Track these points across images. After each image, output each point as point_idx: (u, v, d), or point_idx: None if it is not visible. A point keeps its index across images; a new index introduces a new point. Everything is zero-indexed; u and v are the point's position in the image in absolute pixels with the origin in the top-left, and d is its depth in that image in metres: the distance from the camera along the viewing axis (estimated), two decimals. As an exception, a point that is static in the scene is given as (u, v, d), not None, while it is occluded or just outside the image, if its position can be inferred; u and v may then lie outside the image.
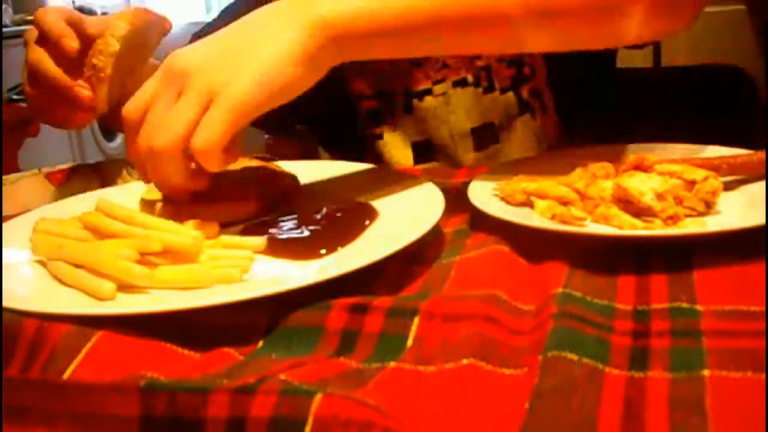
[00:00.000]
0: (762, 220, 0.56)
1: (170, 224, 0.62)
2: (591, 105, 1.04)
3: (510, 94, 1.02)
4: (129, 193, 0.78)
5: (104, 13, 4.61)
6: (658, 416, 0.38)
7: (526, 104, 1.01)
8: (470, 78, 1.01)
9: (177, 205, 0.69)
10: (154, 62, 0.85)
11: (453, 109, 1.02)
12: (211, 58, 0.65)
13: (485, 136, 1.02)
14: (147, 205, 0.72)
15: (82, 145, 4.18)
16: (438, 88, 1.02)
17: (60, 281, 0.59)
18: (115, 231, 0.61)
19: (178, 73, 0.64)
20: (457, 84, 1.01)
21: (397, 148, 1.04)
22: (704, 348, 0.44)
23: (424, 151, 1.04)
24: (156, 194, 0.71)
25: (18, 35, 3.82)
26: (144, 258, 0.58)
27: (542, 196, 0.67)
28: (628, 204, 0.64)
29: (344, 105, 1.04)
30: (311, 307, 0.51)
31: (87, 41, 0.81)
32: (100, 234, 0.62)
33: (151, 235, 0.60)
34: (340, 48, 0.66)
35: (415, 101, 1.02)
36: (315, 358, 0.47)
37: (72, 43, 0.80)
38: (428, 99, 1.02)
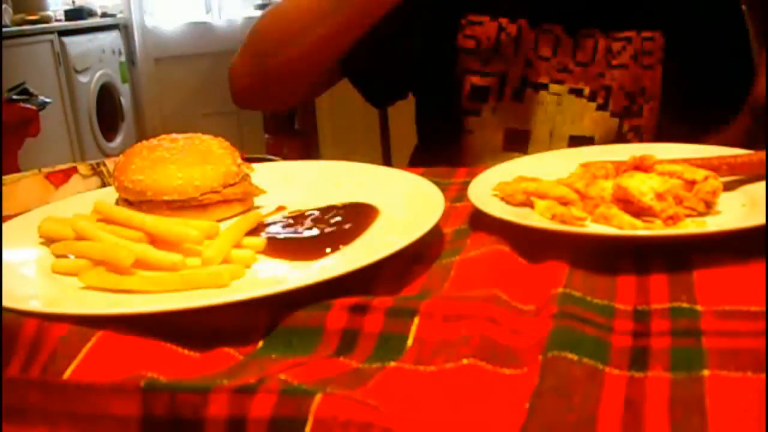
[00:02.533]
0: (762, 220, 0.56)
1: (168, 222, 0.62)
2: None
3: (616, 120, 1.05)
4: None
5: (104, 14, 4.62)
6: (658, 416, 0.38)
7: (623, 136, 1.05)
8: (587, 91, 1.04)
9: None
10: None
11: (562, 111, 1.05)
12: None
13: (580, 146, 1.04)
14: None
15: (82, 145, 4.19)
16: (555, 87, 1.05)
17: (63, 273, 0.59)
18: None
19: None
20: (573, 91, 1.05)
21: (490, 129, 1.07)
22: (704, 348, 0.44)
23: (517, 139, 1.07)
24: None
25: (18, 35, 3.83)
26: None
27: (542, 196, 0.67)
28: (628, 204, 0.64)
29: (447, 77, 1.08)
30: (311, 307, 0.51)
31: None
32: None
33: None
34: None
35: (529, 90, 1.05)
36: (315, 358, 0.47)
37: None
38: (543, 93, 1.05)
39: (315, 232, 0.66)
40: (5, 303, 0.51)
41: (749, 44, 1.11)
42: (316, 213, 0.70)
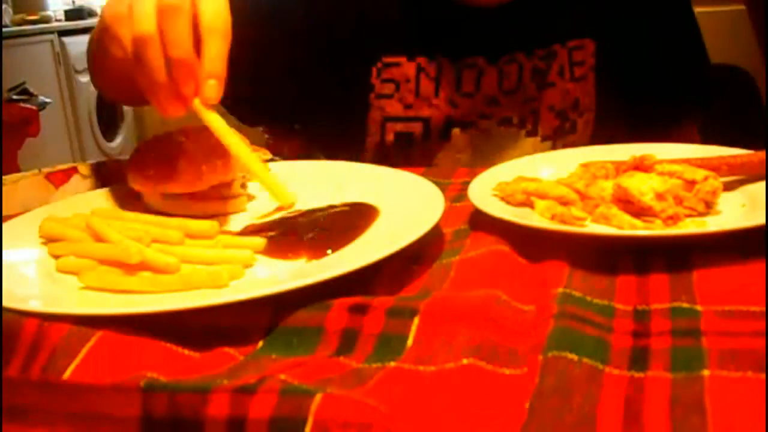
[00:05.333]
0: (762, 220, 0.56)
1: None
2: None
3: (548, 143, 1.03)
4: (126, 193, 0.78)
5: (104, 13, 4.61)
6: (658, 416, 0.38)
7: None
8: (516, 119, 1.01)
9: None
10: None
11: (492, 144, 1.01)
12: None
13: None
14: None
15: (82, 145, 4.19)
16: (483, 123, 1.01)
17: (64, 271, 0.59)
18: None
19: None
20: (502, 122, 1.01)
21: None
22: (704, 348, 0.44)
23: None
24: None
25: (18, 35, 3.83)
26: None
27: (542, 196, 0.67)
28: (628, 204, 0.64)
29: (360, 124, 1.01)
30: (311, 307, 0.51)
31: None
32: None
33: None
34: None
35: (456, 131, 1.00)
36: (315, 358, 0.47)
37: None
38: (471, 132, 1.01)
39: (315, 232, 0.66)
40: (5, 303, 0.51)
41: (688, 36, 1.08)
42: (316, 213, 0.70)
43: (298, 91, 1.01)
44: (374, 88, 0.99)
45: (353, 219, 0.67)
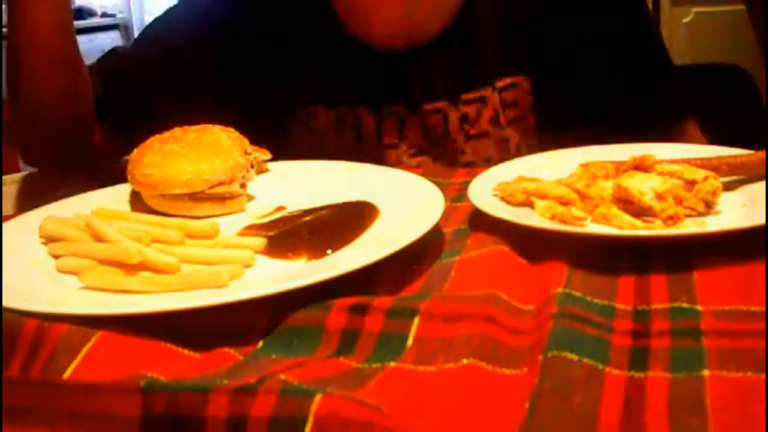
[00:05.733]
0: (762, 220, 0.56)
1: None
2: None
3: None
4: (126, 193, 0.78)
5: (104, 14, 4.61)
6: (658, 416, 0.38)
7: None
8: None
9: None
10: None
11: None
12: None
13: None
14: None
15: (82, 145, 4.18)
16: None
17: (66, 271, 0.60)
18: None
19: None
20: None
21: None
22: (704, 348, 0.44)
23: None
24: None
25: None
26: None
27: (542, 196, 0.66)
28: (628, 204, 0.64)
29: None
30: (311, 307, 0.51)
31: None
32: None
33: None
34: None
35: None
36: (315, 358, 0.47)
37: None
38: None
39: (315, 232, 0.66)
40: (5, 303, 0.51)
41: (644, 41, 0.97)
42: (316, 213, 0.70)
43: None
44: (295, 138, 0.96)
45: (353, 219, 0.67)
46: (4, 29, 0.84)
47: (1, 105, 0.90)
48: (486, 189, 0.71)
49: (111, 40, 4.50)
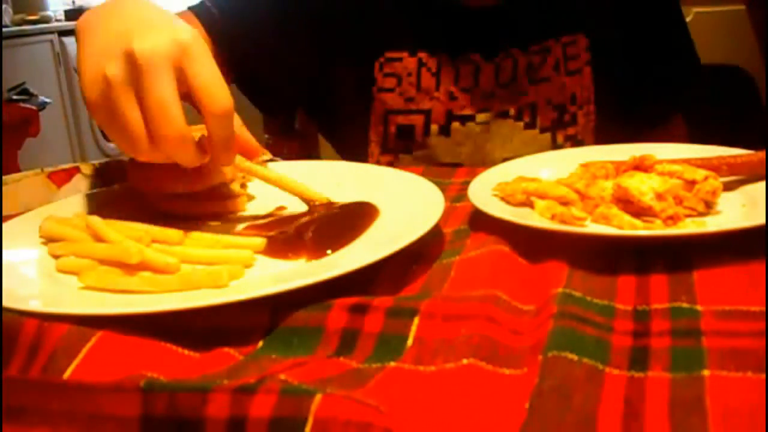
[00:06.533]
0: (762, 220, 0.56)
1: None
2: None
3: (547, 135, 1.05)
4: (126, 193, 0.78)
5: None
6: (658, 416, 0.38)
7: (559, 148, 1.04)
8: (512, 111, 1.03)
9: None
10: None
11: (491, 137, 1.04)
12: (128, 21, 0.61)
13: None
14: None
15: (82, 145, 4.19)
16: (481, 116, 1.03)
17: (64, 271, 0.59)
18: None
19: (118, 51, 0.58)
20: (499, 115, 1.04)
21: (421, 166, 1.03)
22: (704, 348, 0.44)
23: None
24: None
25: (18, 35, 3.83)
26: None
27: (542, 196, 0.67)
28: (628, 204, 0.64)
29: (364, 115, 1.05)
30: (311, 307, 0.51)
31: None
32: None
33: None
34: None
35: (456, 124, 1.03)
36: (315, 358, 0.47)
37: None
38: (470, 125, 1.03)
39: (315, 232, 0.66)
40: (5, 303, 0.51)
41: (680, 31, 1.11)
42: (316, 213, 0.70)
43: (305, 82, 1.07)
44: (376, 81, 1.03)
45: (353, 219, 0.67)
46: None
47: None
48: (486, 189, 0.71)
49: (111, 40, 4.50)
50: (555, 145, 1.04)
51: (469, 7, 1.01)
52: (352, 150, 1.08)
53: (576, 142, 1.05)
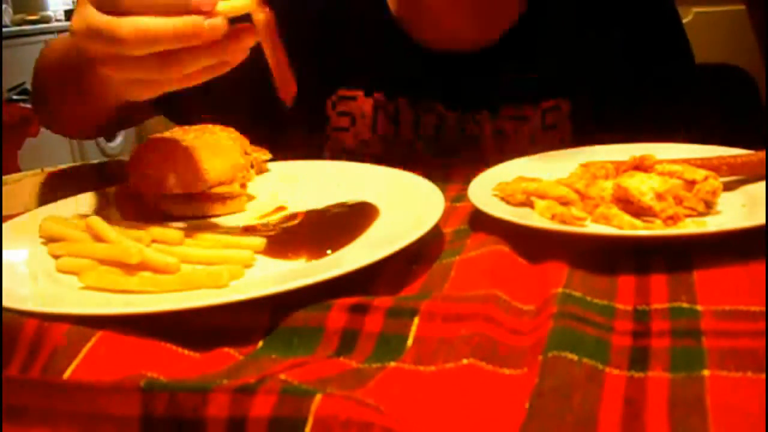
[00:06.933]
0: (762, 220, 0.56)
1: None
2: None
3: None
4: (127, 193, 0.78)
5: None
6: (658, 416, 0.38)
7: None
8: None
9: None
10: None
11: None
12: None
13: None
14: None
15: (82, 145, 4.19)
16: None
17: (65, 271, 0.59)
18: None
19: None
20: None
21: None
22: (704, 348, 0.44)
23: None
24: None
25: (18, 35, 3.83)
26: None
27: (542, 196, 0.67)
28: (628, 204, 0.64)
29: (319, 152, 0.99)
30: (311, 307, 0.51)
31: None
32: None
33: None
34: None
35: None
36: (315, 358, 0.47)
37: None
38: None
39: (315, 232, 0.66)
40: (5, 303, 0.51)
41: (677, 48, 1.00)
42: (316, 213, 0.70)
43: (259, 113, 0.98)
44: (330, 120, 0.97)
45: (353, 219, 0.67)
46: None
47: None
48: (486, 189, 0.71)
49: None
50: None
51: (435, 50, 0.92)
52: None
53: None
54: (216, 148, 0.76)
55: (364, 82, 0.95)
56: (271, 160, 0.85)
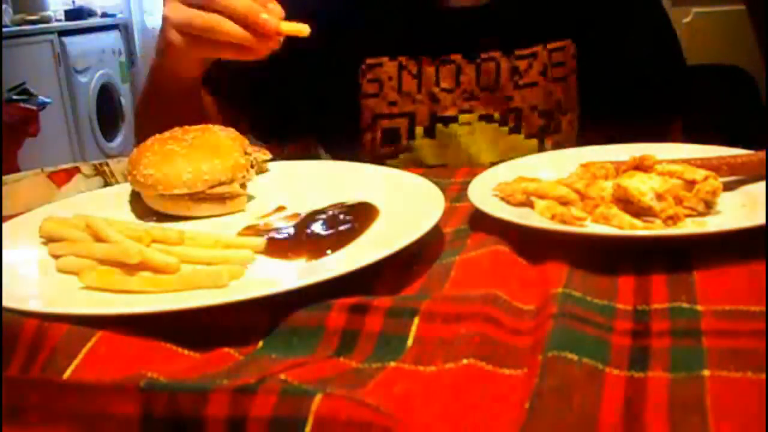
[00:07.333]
0: (762, 220, 0.56)
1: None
2: None
3: (534, 141, 1.05)
4: (126, 193, 0.78)
5: (104, 14, 4.62)
6: (658, 416, 0.38)
7: None
8: (497, 115, 1.03)
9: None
10: None
11: (476, 140, 1.04)
12: None
13: None
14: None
15: (82, 145, 4.19)
16: (464, 117, 1.04)
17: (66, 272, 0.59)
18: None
19: None
20: (482, 118, 1.04)
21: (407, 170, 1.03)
22: (704, 348, 0.44)
23: None
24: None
25: (18, 35, 3.83)
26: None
27: (542, 196, 0.67)
28: (628, 204, 0.64)
29: (352, 124, 1.06)
30: (311, 307, 0.51)
31: None
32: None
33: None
34: None
35: (440, 126, 1.04)
36: (315, 358, 0.47)
37: None
38: (453, 126, 1.04)
39: (315, 232, 0.66)
40: (5, 303, 0.51)
41: (664, 37, 1.09)
42: (316, 213, 0.70)
43: (291, 98, 1.07)
44: (361, 88, 1.04)
45: (353, 219, 0.67)
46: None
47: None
48: (486, 189, 0.71)
49: (111, 40, 4.51)
50: (542, 151, 1.03)
51: (450, 8, 1.02)
52: (351, 160, 1.07)
53: (561, 148, 1.03)
54: (216, 148, 0.76)
55: (388, 48, 1.03)
56: (271, 160, 0.85)
